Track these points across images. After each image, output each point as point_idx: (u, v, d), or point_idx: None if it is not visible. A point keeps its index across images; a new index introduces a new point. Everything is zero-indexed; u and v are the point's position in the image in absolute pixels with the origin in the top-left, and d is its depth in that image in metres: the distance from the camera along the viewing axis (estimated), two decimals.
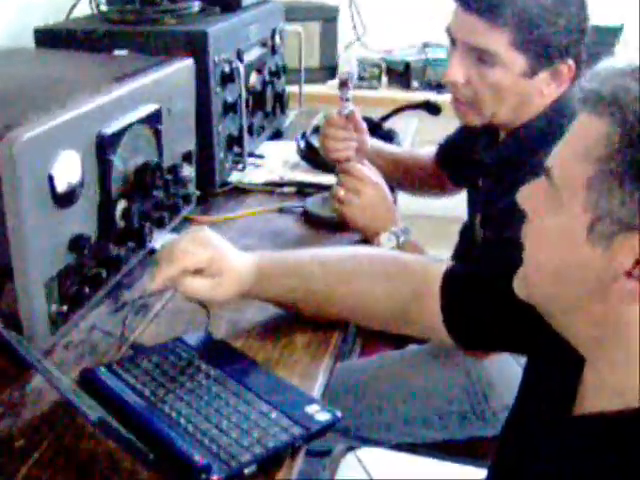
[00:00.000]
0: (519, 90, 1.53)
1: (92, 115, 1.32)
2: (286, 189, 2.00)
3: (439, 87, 3.33)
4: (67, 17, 2.13)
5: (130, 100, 1.45)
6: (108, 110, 1.37)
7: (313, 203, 1.87)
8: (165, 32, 1.84)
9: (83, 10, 2.17)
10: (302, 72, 2.46)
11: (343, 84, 1.75)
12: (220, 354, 1.29)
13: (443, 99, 3.14)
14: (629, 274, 0.83)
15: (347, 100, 1.78)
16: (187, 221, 1.80)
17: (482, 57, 1.52)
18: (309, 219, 1.84)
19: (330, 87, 3.34)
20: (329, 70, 3.53)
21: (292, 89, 2.53)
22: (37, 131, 1.17)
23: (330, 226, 1.80)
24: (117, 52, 1.83)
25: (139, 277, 1.57)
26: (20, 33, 2.02)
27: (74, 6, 2.15)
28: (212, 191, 1.94)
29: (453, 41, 1.60)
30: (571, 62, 1.51)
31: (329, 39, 3.56)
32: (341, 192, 1.70)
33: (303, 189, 1.99)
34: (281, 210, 1.88)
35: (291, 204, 1.90)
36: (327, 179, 1.97)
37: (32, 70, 1.66)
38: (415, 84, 3.38)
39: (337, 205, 1.71)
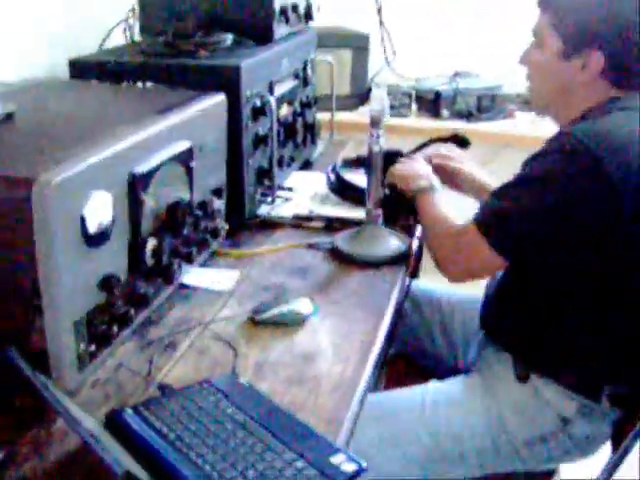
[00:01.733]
0: (554, 69, 1.70)
1: (124, 155, 1.32)
2: (314, 223, 1.99)
3: (469, 116, 3.33)
4: (100, 47, 2.15)
5: (162, 138, 1.45)
6: (141, 149, 1.38)
7: (342, 240, 1.87)
8: (198, 66, 1.84)
9: (118, 39, 2.20)
10: (333, 102, 2.46)
11: (374, 122, 1.75)
12: (246, 398, 1.28)
13: (473, 128, 3.16)
14: None
15: (378, 137, 1.78)
16: (215, 255, 1.81)
17: (535, 40, 1.74)
18: (338, 256, 1.83)
19: (361, 114, 3.34)
20: (360, 97, 3.53)
21: (323, 116, 2.54)
22: (69, 173, 1.17)
23: (359, 263, 1.80)
24: (147, 84, 1.84)
25: (167, 313, 1.57)
26: (56, 64, 2.04)
27: (107, 37, 2.17)
28: (241, 224, 1.94)
29: None
30: (600, 54, 1.62)
31: (360, 66, 3.56)
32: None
33: (331, 224, 1.99)
34: (310, 246, 1.88)
35: (320, 240, 1.90)
36: (356, 213, 1.97)
37: (65, 104, 1.66)
38: (445, 113, 3.37)
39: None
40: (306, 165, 2.42)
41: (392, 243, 1.85)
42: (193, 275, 1.69)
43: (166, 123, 1.47)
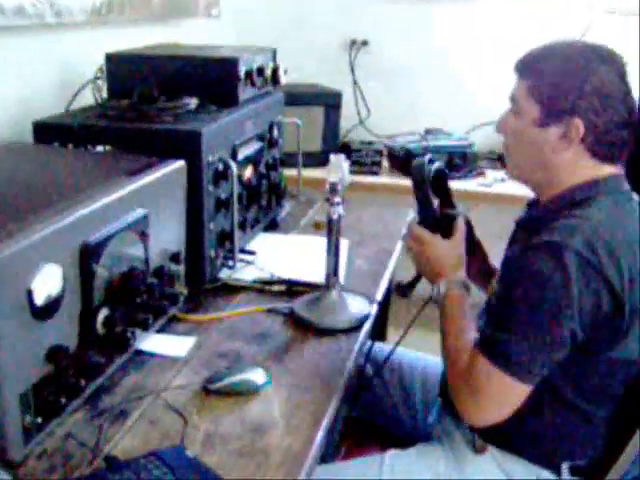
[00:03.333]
0: (532, 138, 1.62)
1: (77, 225, 1.33)
2: (276, 287, 2.00)
3: None
4: (67, 108, 2.15)
5: (117, 207, 1.46)
6: (94, 219, 1.38)
7: (301, 305, 1.88)
8: (160, 131, 1.86)
9: (87, 99, 2.21)
10: (299, 164, 2.47)
11: (333, 190, 1.77)
12: (192, 472, 1.27)
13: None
14: None
15: (338, 205, 1.79)
16: (174, 319, 1.80)
17: (512, 107, 1.67)
18: (297, 321, 1.84)
19: (327, 171, 3.35)
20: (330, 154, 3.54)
21: (293, 173, 2.55)
22: (17, 247, 1.18)
23: (317, 330, 1.80)
24: (99, 148, 1.86)
25: (120, 380, 1.57)
26: (22, 124, 2.05)
27: (74, 98, 2.18)
28: (201, 288, 1.94)
29: None
30: (580, 123, 1.54)
31: (332, 123, 3.59)
32: (410, 253, 1.81)
33: (293, 287, 1.99)
34: (269, 311, 1.88)
35: (279, 304, 1.90)
36: (316, 277, 1.97)
37: (21, 170, 1.66)
38: None
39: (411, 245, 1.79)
40: (272, 226, 2.43)
41: (352, 310, 1.86)
42: (149, 341, 1.69)
43: (121, 192, 1.48)
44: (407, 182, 3.31)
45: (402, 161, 3.40)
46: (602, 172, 1.60)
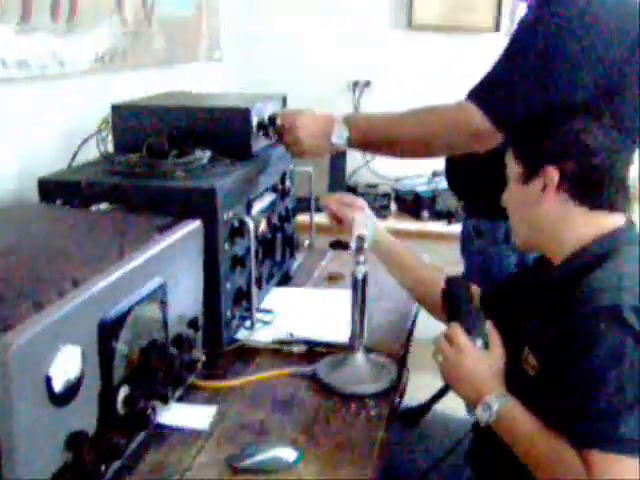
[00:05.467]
0: (520, 198, 1.62)
1: (94, 302, 1.24)
2: (296, 348, 1.91)
3: (450, 217, 3.29)
4: (71, 162, 2.07)
5: (135, 278, 1.37)
6: (112, 293, 1.29)
7: (324, 369, 1.79)
8: (173, 189, 1.77)
9: (91, 151, 2.13)
10: (312, 215, 2.39)
11: (359, 248, 1.69)
12: None
13: (454, 230, 3.11)
14: None
15: (363, 263, 1.71)
16: (192, 388, 1.71)
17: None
18: (320, 385, 1.75)
19: None
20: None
21: (303, 218, 2.49)
22: (34, 331, 1.09)
23: (342, 395, 1.71)
24: (101, 206, 1.77)
25: (141, 459, 1.47)
26: (26, 180, 1.97)
27: (77, 151, 2.10)
28: (218, 351, 1.85)
29: None
30: (554, 169, 1.53)
31: (338, 166, 3.53)
32: (440, 358, 1.61)
33: (313, 348, 1.90)
34: (291, 375, 1.79)
35: (301, 368, 1.81)
36: (338, 336, 1.88)
37: (28, 238, 1.57)
38: (425, 214, 3.33)
39: (439, 359, 1.62)
40: (285, 279, 2.35)
41: (378, 374, 1.77)
42: (168, 412, 1.59)
43: (138, 261, 1.39)
44: (417, 226, 3.29)
45: (411, 205, 3.33)
46: (605, 223, 1.56)
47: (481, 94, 1.82)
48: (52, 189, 1.84)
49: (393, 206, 3.47)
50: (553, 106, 1.69)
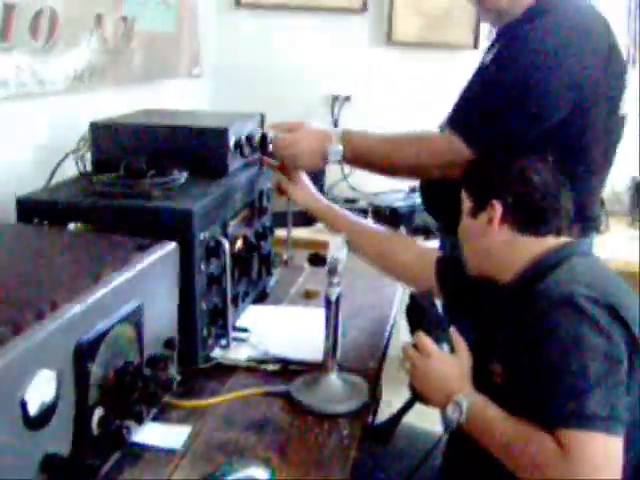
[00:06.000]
0: (469, 230, 1.77)
1: (71, 325, 1.26)
2: (270, 366, 1.93)
3: (427, 233, 3.32)
4: (49, 180, 2.08)
5: (112, 301, 1.39)
6: (88, 316, 1.31)
7: (298, 388, 1.81)
8: (151, 210, 1.79)
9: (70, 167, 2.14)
10: (289, 231, 2.42)
11: (332, 270, 1.72)
12: None
13: (432, 245, 3.13)
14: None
15: (337, 285, 1.74)
16: (166, 406, 1.73)
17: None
18: (294, 404, 1.77)
19: (316, 230, 3.33)
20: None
21: (280, 233, 2.51)
22: (10, 356, 1.11)
23: (316, 415, 1.74)
24: (79, 226, 1.79)
25: (116, 478, 1.49)
26: (2, 200, 1.98)
27: (56, 169, 2.11)
28: (194, 369, 1.87)
29: None
30: (498, 203, 1.67)
31: (317, 180, 3.53)
32: (408, 366, 1.67)
33: (287, 366, 1.93)
34: (266, 394, 1.81)
35: (275, 387, 1.84)
36: (313, 355, 1.91)
37: (5, 260, 1.58)
38: (402, 230, 3.36)
39: (407, 367, 1.68)
40: (262, 296, 2.37)
41: (351, 393, 1.80)
42: (142, 432, 1.61)
43: (115, 283, 1.41)
44: None
45: (389, 220, 3.36)
46: (552, 242, 1.68)
47: (464, 127, 1.95)
48: (30, 208, 1.85)
49: (371, 221, 3.49)
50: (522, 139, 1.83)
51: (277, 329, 2.14)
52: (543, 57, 1.86)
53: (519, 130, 1.89)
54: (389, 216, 3.40)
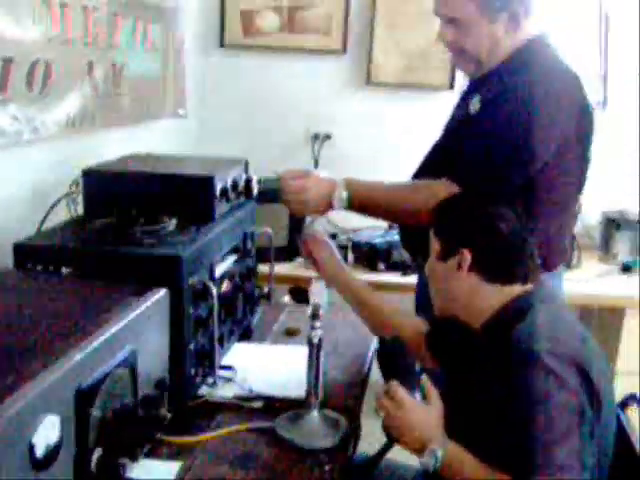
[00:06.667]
0: (437, 271, 1.86)
1: (72, 372, 1.36)
2: (255, 404, 2.04)
3: (404, 269, 3.43)
4: (41, 224, 2.18)
5: (109, 348, 1.49)
6: (87, 363, 1.41)
7: (281, 424, 1.92)
8: (143, 256, 1.89)
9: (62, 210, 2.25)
10: (272, 270, 2.53)
11: (314, 315, 1.83)
12: None
13: (409, 281, 3.25)
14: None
15: (318, 329, 1.85)
16: (157, 443, 1.83)
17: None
18: (278, 440, 1.88)
19: (296, 265, 3.45)
20: (296, 248, 3.61)
21: (262, 268, 2.62)
22: (20, 404, 1.21)
23: (299, 450, 1.84)
24: (74, 271, 1.89)
25: None
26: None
27: (46, 216, 2.22)
28: (182, 407, 1.96)
29: None
30: (468, 253, 1.75)
31: (297, 217, 3.66)
32: (381, 413, 1.73)
33: (271, 403, 2.03)
34: (251, 430, 1.92)
35: (260, 424, 1.94)
36: (295, 392, 2.01)
37: (5, 306, 1.67)
38: (381, 266, 3.47)
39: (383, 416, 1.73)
40: (246, 334, 2.47)
41: (332, 429, 1.91)
42: (135, 468, 1.70)
43: (111, 331, 1.51)
44: (373, 277, 3.43)
45: (367, 256, 3.48)
46: (516, 290, 1.77)
47: (462, 176, 2.08)
48: (27, 253, 1.95)
49: (350, 257, 3.60)
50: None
51: (261, 367, 2.25)
52: (536, 112, 2.04)
53: (508, 177, 2.06)
54: (368, 252, 3.52)
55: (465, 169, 2.12)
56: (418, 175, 2.36)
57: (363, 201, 2.25)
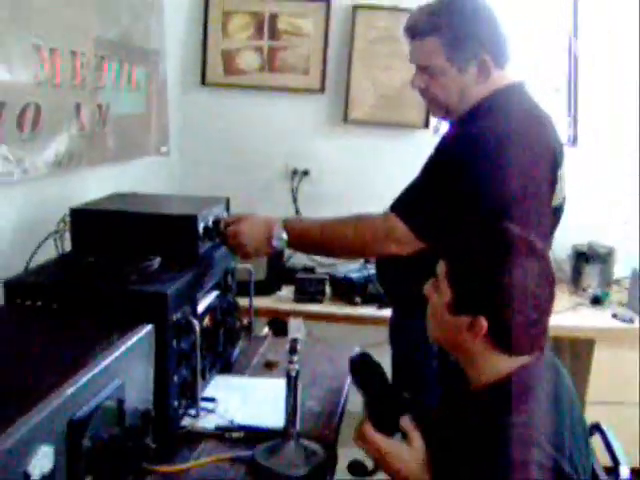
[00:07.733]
0: (445, 321, 1.71)
1: (65, 405, 1.45)
2: (235, 434, 2.12)
3: (380, 302, 3.54)
4: (29, 262, 2.27)
5: (98, 382, 1.58)
6: (79, 396, 1.50)
7: (262, 453, 2.01)
8: (129, 293, 1.99)
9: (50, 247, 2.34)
10: (252, 307, 2.63)
11: (292, 350, 1.93)
12: None
13: (385, 315, 3.35)
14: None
15: (296, 362, 1.95)
16: (142, 472, 1.91)
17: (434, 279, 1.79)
18: (258, 469, 1.96)
19: (276, 299, 3.56)
20: (276, 282, 3.73)
21: (242, 302, 2.70)
22: (16, 436, 1.29)
23: (279, 478, 1.93)
24: (63, 307, 1.98)
25: None
26: None
27: (34, 253, 2.31)
28: (166, 438, 2.05)
29: None
30: (484, 321, 1.62)
31: (277, 252, 3.76)
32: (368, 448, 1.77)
33: (252, 434, 2.12)
34: (232, 460, 2.01)
35: (241, 453, 2.03)
36: (274, 423, 2.11)
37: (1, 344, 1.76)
38: (358, 299, 3.58)
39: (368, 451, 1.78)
40: (226, 366, 2.56)
41: (309, 459, 2.00)
42: None
43: (101, 366, 1.60)
44: (350, 310, 3.54)
45: (345, 289, 3.59)
46: (522, 360, 1.68)
47: (403, 207, 2.12)
48: (17, 290, 2.04)
49: (328, 290, 3.71)
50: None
51: (241, 399, 2.34)
52: (481, 155, 2.11)
53: (447, 215, 2.09)
54: (345, 285, 3.63)
55: (405, 199, 2.22)
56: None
57: (302, 238, 2.35)
